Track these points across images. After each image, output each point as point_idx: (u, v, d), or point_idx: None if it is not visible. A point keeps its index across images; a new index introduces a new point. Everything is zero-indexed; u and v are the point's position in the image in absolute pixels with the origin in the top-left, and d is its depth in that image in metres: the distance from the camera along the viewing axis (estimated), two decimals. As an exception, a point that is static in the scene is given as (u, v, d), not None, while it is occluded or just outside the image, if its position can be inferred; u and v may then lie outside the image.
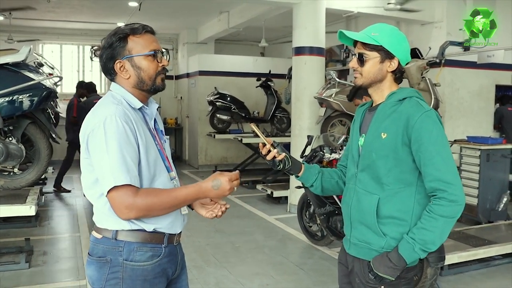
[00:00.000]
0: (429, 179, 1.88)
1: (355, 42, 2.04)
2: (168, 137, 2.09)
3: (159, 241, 1.88)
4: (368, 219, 1.99)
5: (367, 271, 1.99)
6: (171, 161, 2.01)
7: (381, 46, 1.96)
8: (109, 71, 1.91)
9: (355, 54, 2.04)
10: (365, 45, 1.98)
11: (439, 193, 1.86)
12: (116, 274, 1.82)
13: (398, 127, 1.92)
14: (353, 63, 2.04)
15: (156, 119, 2.01)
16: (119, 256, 1.82)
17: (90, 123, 1.79)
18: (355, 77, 2.05)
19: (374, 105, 2.10)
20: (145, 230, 1.84)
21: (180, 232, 1.99)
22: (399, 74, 2.04)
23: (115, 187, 1.70)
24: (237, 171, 1.88)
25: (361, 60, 2.00)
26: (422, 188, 1.95)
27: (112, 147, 1.72)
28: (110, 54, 1.87)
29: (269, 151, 2.09)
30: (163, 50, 1.94)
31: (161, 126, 2.04)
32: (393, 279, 1.93)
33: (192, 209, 2.11)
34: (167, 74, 2.00)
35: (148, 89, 1.91)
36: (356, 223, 2.06)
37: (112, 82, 1.94)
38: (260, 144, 2.12)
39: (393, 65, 1.99)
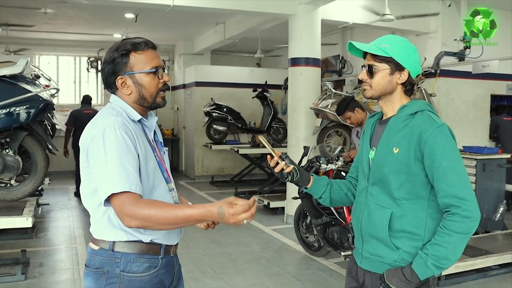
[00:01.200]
0: (442, 195, 1.86)
1: (365, 54, 2.01)
2: (167, 148, 2.09)
3: (156, 252, 1.88)
4: (380, 233, 1.96)
5: (378, 283, 1.95)
6: (170, 172, 2.02)
7: (391, 57, 1.94)
8: (110, 86, 1.92)
9: (364, 65, 2.01)
10: (375, 56, 1.96)
11: (453, 209, 1.83)
12: (113, 286, 1.82)
13: (411, 142, 1.89)
14: (362, 75, 2.01)
15: (156, 131, 2.01)
16: (116, 267, 1.82)
17: (89, 134, 1.80)
18: (365, 89, 2.02)
19: (384, 117, 2.06)
20: (142, 241, 1.84)
21: (177, 243, 1.99)
22: (409, 86, 2.01)
23: (113, 194, 1.69)
24: (253, 198, 1.67)
25: (371, 71, 1.97)
26: (434, 202, 1.92)
27: (111, 157, 1.72)
28: (112, 69, 1.87)
29: (277, 163, 2.08)
30: (164, 64, 1.94)
31: (160, 138, 2.05)
32: None
33: None
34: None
35: (148, 106, 1.93)
36: (367, 237, 2.03)
37: (112, 94, 1.95)
38: (268, 157, 2.10)
39: (403, 77, 1.96)
